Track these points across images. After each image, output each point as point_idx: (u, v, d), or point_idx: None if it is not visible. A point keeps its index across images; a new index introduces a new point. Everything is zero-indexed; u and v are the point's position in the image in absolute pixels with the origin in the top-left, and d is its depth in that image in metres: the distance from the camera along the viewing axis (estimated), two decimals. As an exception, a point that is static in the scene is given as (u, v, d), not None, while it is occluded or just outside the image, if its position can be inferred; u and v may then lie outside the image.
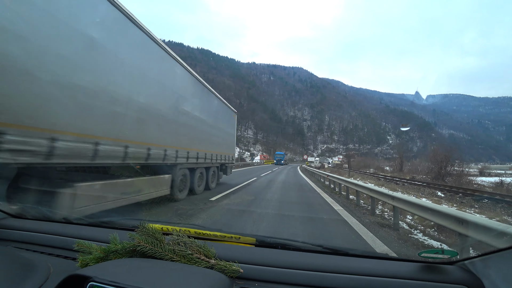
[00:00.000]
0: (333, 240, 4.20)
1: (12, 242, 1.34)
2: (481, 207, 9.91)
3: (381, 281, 1.05)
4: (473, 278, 1.03)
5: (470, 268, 1.07)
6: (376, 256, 1.32)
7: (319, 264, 1.12)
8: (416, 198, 6.57)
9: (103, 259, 1.07)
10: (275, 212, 6.10)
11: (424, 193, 14.12)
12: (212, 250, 1.10)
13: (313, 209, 7.49)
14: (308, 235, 4.24)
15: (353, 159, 51.66)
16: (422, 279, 1.04)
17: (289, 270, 1.09)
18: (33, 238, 1.36)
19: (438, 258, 1.07)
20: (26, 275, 0.93)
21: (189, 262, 1.04)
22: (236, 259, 1.08)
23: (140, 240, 1.08)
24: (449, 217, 3.59)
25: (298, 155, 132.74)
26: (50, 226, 1.48)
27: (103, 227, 1.54)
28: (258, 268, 1.09)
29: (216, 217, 5.40)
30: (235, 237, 1.34)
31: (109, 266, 0.99)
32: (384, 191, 5.94)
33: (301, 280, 1.06)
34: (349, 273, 1.07)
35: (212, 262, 1.04)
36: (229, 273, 1.02)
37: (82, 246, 1.13)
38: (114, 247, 1.09)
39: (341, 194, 10.38)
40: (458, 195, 13.06)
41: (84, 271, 0.88)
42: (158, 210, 5.81)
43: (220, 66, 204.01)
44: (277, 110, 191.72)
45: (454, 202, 11.07)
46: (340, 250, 1.29)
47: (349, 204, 8.05)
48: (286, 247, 1.30)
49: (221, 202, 7.15)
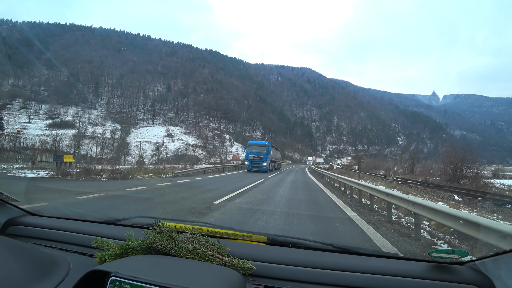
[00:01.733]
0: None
1: (31, 239, 1.38)
2: (504, 213, 9.27)
3: (392, 280, 1.05)
4: (484, 278, 1.03)
5: (481, 268, 1.07)
6: (387, 255, 1.33)
7: (330, 263, 1.14)
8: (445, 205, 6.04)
9: (120, 255, 1.10)
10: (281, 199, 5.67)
11: (439, 196, 13.45)
12: (225, 248, 1.12)
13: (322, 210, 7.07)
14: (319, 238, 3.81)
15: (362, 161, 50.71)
16: (432, 279, 1.05)
17: (301, 268, 1.10)
18: (51, 235, 1.41)
19: (448, 258, 1.08)
20: (47, 270, 0.96)
21: (203, 259, 1.07)
22: (248, 257, 1.10)
23: (155, 237, 1.11)
24: (494, 232, 2.87)
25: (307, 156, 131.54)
26: (67, 224, 1.52)
27: (118, 225, 1.58)
28: (270, 265, 1.11)
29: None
30: (246, 236, 1.37)
31: (128, 262, 1.02)
32: (403, 196, 5.45)
33: (313, 278, 1.07)
34: (360, 271, 1.08)
35: (226, 259, 1.07)
36: (242, 270, 1.04)
37: (100, 243, 1.17)
38: (130, 244, 1.13)
39: (352, 197, 9.91)
40: (477, 199, 12.37)
41: (106, 267, 0.92)
42: (172, 208, 6.31)
43: (228, 67, 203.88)
44: (285, 110, 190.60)
45: (474, 206, 10.43)
46: (350, 249, 1.31)
47: (362, 209, 7.57)
48: (297, 245, 1.32)
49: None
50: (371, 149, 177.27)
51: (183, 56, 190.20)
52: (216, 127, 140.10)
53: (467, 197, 13.03)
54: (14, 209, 1.54)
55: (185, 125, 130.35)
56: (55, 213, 1.75)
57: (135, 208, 6.52)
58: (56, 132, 52.36)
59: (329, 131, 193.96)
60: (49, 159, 22.49)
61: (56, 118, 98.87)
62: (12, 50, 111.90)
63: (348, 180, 11.35)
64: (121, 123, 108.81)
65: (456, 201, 12.08)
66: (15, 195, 1.73)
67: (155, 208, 6.58)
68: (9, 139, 56.08)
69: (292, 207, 7.46)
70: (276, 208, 6.86)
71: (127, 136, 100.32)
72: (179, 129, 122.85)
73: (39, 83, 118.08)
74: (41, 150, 36.42)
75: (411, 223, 5.94)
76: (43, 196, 7.35)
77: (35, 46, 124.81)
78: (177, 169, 24.16)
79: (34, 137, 63.05)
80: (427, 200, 5.64)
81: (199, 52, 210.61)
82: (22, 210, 1.57)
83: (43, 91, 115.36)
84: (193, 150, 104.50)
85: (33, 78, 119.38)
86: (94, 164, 25.16)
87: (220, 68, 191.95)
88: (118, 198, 8.16)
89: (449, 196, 13.58)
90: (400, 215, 7.18)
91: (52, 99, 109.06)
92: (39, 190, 8.87)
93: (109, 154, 75.25)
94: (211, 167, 27.42)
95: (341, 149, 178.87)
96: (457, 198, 13.06)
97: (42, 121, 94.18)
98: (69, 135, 64.07)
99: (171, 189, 10.46)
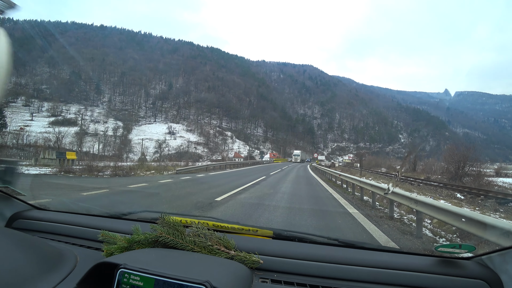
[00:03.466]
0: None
1: (37, 233, 1.38)
2: (506, 211, 9.24)
3: (398, 274, 1.05)
4: (491, 273, 1.03)
5: (488, 263, 1.07)
6: (393, 250, 1.32)
7: (336, 257, 1.14)
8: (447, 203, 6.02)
9: (127, 249, 1.10)
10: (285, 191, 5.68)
11: (442, 194, 13.41)
12: (231, 242, 1.13)
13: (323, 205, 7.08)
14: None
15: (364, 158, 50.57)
16: (439, 273, 1.05)
17: (307, 262, 1.11)
18: (57, 229, 1.42)
19: (455, 252, 1.07)
20: (55, 263, 0.97)
21: (210, 253, 1.07)
22: (254, 251, 1.10)
23: (162, 231, 1.11)
24: (497, 230, 2.86)
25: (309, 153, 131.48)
26: (73, 218, 1.53)
27: (124, 219, 1.59)
28: (276, 259, 1.11)
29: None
30: (252, 230, 1.37)
31: (136, 255, 1.02)
32: (405, 194, 5.43)
33: (319, 271, 1.08)
34: (366, 265, 1.08)
35: (232, 253, 1.08)
36: (249, 264, 1.05)
37: (107, 236, 1.17)
38: (137, 237, 1.13)
39: (354, 195, 9.91)
40: (480, 197, 12.33)
41: (114, 259, 0.92)
42: (178, 203, 6.45)
43: (230, 64, 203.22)
44: (287, 108, 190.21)
45: (476, 205, 10.40)
46: (356, 244, 1.31)
47: (364, 207, 7.58)
48: (303, 240, 1.32)
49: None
50: (373, 146, 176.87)
51: (184, 54, 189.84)
52: (217, 124, 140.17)
53: (470, 196, 12.98)
54: (20, 203, 1.55)
55: (187, 122, 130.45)
56: (61, 208, 1.76)
57: (139, 204, 6.58)
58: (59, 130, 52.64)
59: (330, 129, 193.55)
60: (52, 156, 22.61)
61: (58, 116, 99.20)
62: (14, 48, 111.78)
63: (350, 178, 11.34)
64: (123, 120, 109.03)
65: (458, 199, 12.06)
66: (20, 191, 1.72)
67: (159, 203, 6.64)
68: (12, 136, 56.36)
69: (293, 202, 7.52)
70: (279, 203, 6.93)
71: (129, 133, 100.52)
72: (181, 127, 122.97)
73: (41, 81, 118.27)
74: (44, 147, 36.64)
75: (413, 221, 5.93)
76: (47, 192, 7.39)
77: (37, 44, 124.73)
78: (179, 166, 24.18)
79: (37, 134, 63.45)
80: (430, 198, 5.63)
81: (200, 50, 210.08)
82: (28, 204, 1.57)
83: (46, 89, 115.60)
84: (195, 147, 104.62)
85: (35, 76, 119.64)
86: (96, 161, 25.27)
87: (222, 66, 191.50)
88: (122, 194, 8.20)
89: (451, 194, 13.53)
90: (402, 212, 7.19)
91: (54, 97, 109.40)
92: (43, 186, 8.92)
93: (111, 151, 75.44)
94: (213, 164, 27.49)
95: (342, 146, 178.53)
96: (460, 196, 13.01)
97: (44, 119, 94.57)
98: (71, 133, 64.23)
99: (174, 186, 10.50)
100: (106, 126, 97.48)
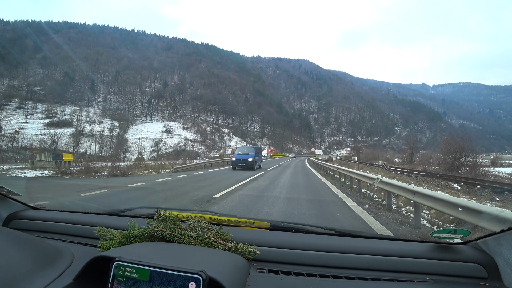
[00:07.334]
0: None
1: (34, 232, 1.36)
2: (502, 200, 9.35)
3: (395, 260, 1.07)
4: (486, 256, 1.05)
5: (483, 247, 1.09)
6: (389, 237, 1.37)
7: (333, 246, 1.15)
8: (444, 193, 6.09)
9: (123, 243, 1.10)
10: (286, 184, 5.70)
11: (439, 185, 13.54)
12: (228, 234, 1.12)
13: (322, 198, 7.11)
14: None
15: (361, 151, 50.80)
16: (435, 258, 1.07)
17: (304, 251, 1.11)
18: (53, 227, 1.42)
19: (450, 238, 1.09)
20: (51, 259, 0.97)
21: (207, 245, 1.07)
22: (251, 242, 1.11)
23: (158, 225, 1.11)
24: (493, 217, 2.88)
25: (306, 148, 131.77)
26: (69, 216, 1.52)
27: (121, 215, 1.59)
28: (273, 250, 1.12)
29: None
30: (249, 222, 1.38)
31: (132, 248, 1.03)
32: (403, 185, 5.48)
33: (316, 260, 1.09)
34: (363, 253, 1.10)
35: (229, 245, 1.08)
36: (246, 255, 1.05)
37: (103, 232, 1.17)
38: (133, 232, 1.13)
39: (352, 188, 9.96)
40: (476, 187, 12.46)
41: (109, 253, 0.92)
42: (177, 201, 6.59)
43: (225, 61, 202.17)
44: (283, 103, 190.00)
45: (473, 195, 10.52)
46: (353, 233, 1.31)
47: (362, 199, 7.62)
48: (299, 230, 1.33)
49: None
50: (370, 139, 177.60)
51: (179, 51, 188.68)
52: (214, 121, 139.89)
53: (466, 186, 13.12)
54: (16, 203, 1.53)
55: (184, 120, 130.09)
56: (57, 207, 1.75)
57: (137, 202, 6.56)
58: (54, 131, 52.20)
59: (327, 123, 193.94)
60: (48, 158, 22.43)
61: (53, 117, 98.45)
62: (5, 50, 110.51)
63: (347, 171, 11.39)
64: (119, 120, 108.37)
65: (455, 190, 12.17)
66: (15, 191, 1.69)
67: (157, 202, 6.67)
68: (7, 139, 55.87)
69: (292, 199, 7.51)
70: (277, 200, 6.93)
71: (126, 133, 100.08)
72: (177, 125, 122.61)
73: (34, 82, 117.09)
74: (40, 149, 36.29)
75: (410, 211, 5.98)
76: (44, 194, 7.35)
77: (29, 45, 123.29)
78: (177, 164, 24.12)
79: (32, 137, 62.92)
80: (427, 189, 5.67)
81: (195, 47, 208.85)
82: (24, 204, 1.56)
83: (39, 91, 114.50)
84: (192, 145, 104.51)
85: (28, 77, 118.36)
86: (93, 162, 25.12)
87: (217, 62, 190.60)
88: (120, 194, 8.18)
89: (448, 185, 13.67)
90: (400, 204, 7.24)
91: (48, 98, 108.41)
92: (40, 189, 8.88)
93: (108, 151, 75.15)
94: (210, 162, 27.41)
95: (340, 140, 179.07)
96: (456, 187, 13.15)
97: (39, 121, 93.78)
98: (67, 134, 63.84)
99: (172, 184, 10.49)
100: (102, 126, 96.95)
